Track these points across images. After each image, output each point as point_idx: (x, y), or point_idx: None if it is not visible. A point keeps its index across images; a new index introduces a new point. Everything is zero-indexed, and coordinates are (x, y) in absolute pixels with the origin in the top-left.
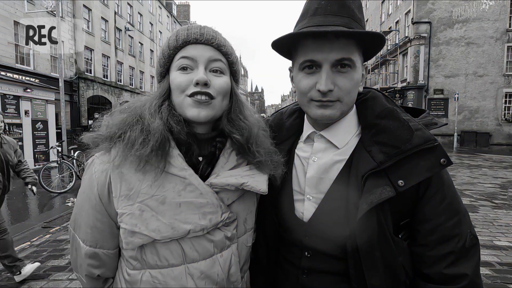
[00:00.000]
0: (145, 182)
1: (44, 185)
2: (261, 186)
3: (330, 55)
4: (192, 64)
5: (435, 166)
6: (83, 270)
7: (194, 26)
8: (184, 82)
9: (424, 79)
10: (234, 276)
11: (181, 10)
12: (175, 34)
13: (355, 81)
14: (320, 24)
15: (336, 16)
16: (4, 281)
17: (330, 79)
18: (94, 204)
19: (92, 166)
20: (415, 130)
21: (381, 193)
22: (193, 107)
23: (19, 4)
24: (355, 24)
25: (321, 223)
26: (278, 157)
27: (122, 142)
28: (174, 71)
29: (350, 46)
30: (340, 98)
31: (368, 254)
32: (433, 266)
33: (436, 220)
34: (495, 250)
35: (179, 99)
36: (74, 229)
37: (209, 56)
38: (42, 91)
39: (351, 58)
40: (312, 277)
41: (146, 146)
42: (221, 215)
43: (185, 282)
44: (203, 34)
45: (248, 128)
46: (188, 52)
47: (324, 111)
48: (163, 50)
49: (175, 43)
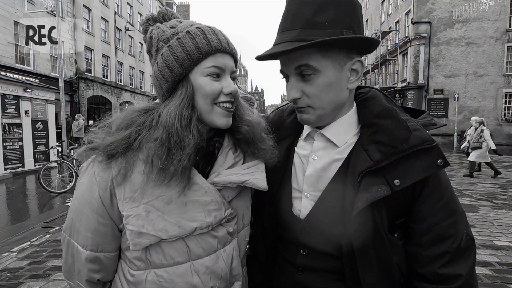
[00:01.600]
0: (150, 184)
1: (44, 185)
2: (262, 183)
3: (289, 66)
4: (221, 72)
5: (431, 167)
6: (83, 276)
7: (217, 31)
8: (217, 90)
9: (424, 79)
10: (236, 269)
11: (181, 10)
12: (203, 36)
13: (322, 85)
14: (276, 43)
15: (288, 31)
16: (4, 281)
17: (295, 88)
18: (96, 207)
19: (91, 170)
20: (413, 130)
21: (376, 192)
22: (222, 116)
23: (19, 4)
24: (309, 32)
25: (317, 220)
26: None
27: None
28: (201, 76)
29: (307, 54)
30: (309, 104)
31: (362, 252)
32: (427, 265)
33: (432, 219)
34: (495, 250)
35: (207, 106)
36: (71, 235)
37: (232, 66)
38: (42, 91)
39: (308, 64)
40: (307, 275)
41: (176, 162)
42: (225, 212)
43: (191, 279)
44: (228, 43)
45: (251, 121)
46: (219, 61)
47: (301, 115)
48: (190, 51)
49: (206, 48)
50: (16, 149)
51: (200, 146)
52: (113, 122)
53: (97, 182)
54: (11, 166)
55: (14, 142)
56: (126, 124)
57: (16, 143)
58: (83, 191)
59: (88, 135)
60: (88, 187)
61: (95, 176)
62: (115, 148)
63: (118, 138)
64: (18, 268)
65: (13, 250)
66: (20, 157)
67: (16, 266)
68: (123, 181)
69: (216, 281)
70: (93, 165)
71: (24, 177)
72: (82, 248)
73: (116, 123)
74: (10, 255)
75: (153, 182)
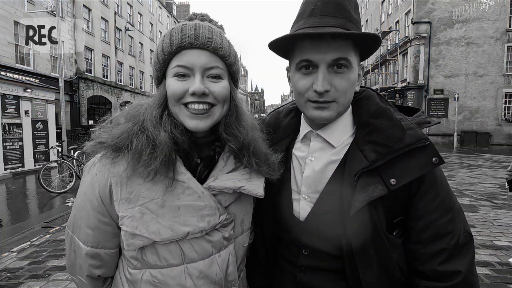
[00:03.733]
0: (145, 186)
1: (44, 185)
2: (258, 190)
3: (326, 55)
4: (188, 71)
5: (427, 165)
6: (84, 271)
7: (188, 27)
8: (179, 90)
9: (424, 79)
10: (231, 275)
11: (181, 10)
12: (169, 36)
13: (351, 81)
14: (316, 25)
15: (332, 17)
16: (4, 281)
17: (326, 80)
18: (96, 205)
19: (93, 169)
20: (407, 129)
21: (373, 191)
22: (191, 119)
23: (19, 4)
24: (351, 25)
25: (316, 222)
26: (275, 157)
27: (130, 152)
28: (169, 77)
29: (346, 47)
30: (336, 98)
31: (362, 251)
32: (427, 263)
33: (429, 217)
34: (495, 250)
35: (175, 108)
36: (73, 231)
37: (205, 63)
38: (42, 91)
39: (347, 58)
40: (309, 275)
41: (154, 160)
42: (219, 217)
43: (184, 282)
44: (198, 36)
45: (243, 136)
46: (183, 59)
47: (320, 112)
48: (158, 54)
49: (169, 48)
50: (16, 149)
51: (185, 146)
52: (120, 116)
53: (97, 181)
54: (11, 166)
55: (14, 142)
56: (131, 116)
57: (16, 143)
58: (86, 189)
59: (96, 131)
60: (90, 185)
61: (96, 175)
62: (120, 140)
63: (125, 129)
64: (18, 268)
65: (13, 250)
66: (20, 157)
67: (16, 266)
68: (127, 178)
69: (209, 286)
70: (96, 164)
71: (24, 177)
72: (83, 244)
73: (123, 116)
74: (10, 255)
75: (138, 176)
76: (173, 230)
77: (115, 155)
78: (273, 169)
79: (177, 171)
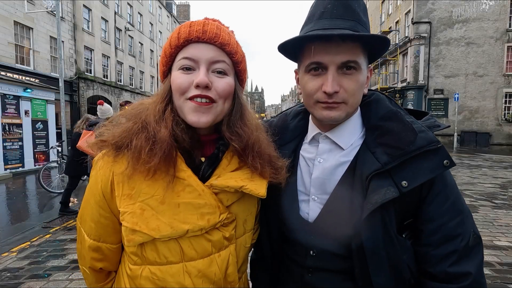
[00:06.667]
0: (146, 182)
1: (44, 185)
2: (260, 190)
3: (336, 57)
4: (194, 64)
5: (438, 168)
6: (87, 262)
7: (197, 22)
8: (184, 83)
9: (424, 79)
10: (231, 276)
11: (181, 10)
12: (177, 31)
13: (360, 83)
14: (326, 28)
15: (341, 19)
16: (4, 281)
17: (336, 81)
18: (98, 200)
19: (97, 163)
20: (418, 132)
21: (385, 194)
22: (193, 112)
23: (19, 4)
24: (360, 27)
25: (326, 223)
26: (281, 162)
27: (129, 152)
28: (175, 70)
29: (355, 49)
30: (345, 100)
31: (373, 253)
32: (437, 265)
33: (440, 220)
34: (495, 250)
35: (179, 101)
36: (81, 223)
37: (211, 56)
38: (42, 91)
39: (356, 60)
40: (317, 276)
41: (153, 157)
42: (219, 216)
43: (183, 280)
44: (205, 31)
45: (247, 136)
46: (190, 52)
47: (329, 112)
48: (165, 48)
49: (176, 42)
50: (16, 149)
51: (185, 145)
52: (123, 115)
53: (100, 176)
54: (11, 166)
55: (14, 142)
56: (132, 115)
57: (16, 143)
58: (91, 183)
59: (99, 129)
60: (94, 180)
61: (99, 170)
62: (121, 139)
63: (125, 128)
64: (18, 268)
65: (13, 250)
66: (20, 157)
67: (16, 266)
68: (128, 177)
69: (208, 286)
70: (100, 160)
71: (24, 177)
72: (87, 236)
73: (125, 115)
74: (10, 255)
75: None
76: (173, 227)
77: (116, 153)
78: (278, 172)
79: (178, 168)
